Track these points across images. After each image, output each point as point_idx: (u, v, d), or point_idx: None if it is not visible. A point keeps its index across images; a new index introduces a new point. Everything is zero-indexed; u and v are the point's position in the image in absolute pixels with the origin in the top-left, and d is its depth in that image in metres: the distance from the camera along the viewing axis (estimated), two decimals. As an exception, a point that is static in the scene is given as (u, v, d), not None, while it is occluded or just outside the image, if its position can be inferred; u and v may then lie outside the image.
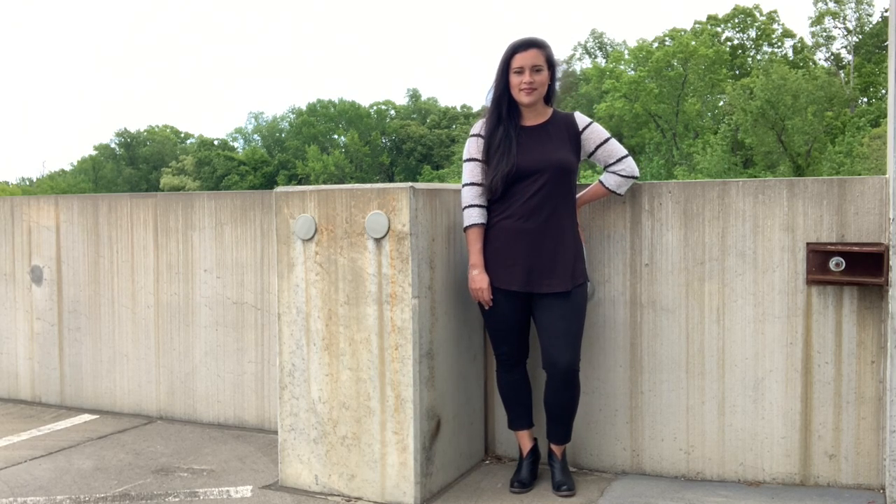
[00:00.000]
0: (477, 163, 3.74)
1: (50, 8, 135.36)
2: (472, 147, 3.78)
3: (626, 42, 67.43)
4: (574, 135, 3.77)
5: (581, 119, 3.81)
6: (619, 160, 3.78)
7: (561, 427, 3.82)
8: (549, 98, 3.81)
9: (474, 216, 3.71)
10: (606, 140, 3.78)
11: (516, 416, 3.94)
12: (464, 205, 3.75)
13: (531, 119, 3.77)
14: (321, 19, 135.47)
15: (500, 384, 3.93)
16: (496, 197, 3.69)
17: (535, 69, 3.68)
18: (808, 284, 3.75)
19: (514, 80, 3.69)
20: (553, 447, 3.86)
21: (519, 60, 3.68)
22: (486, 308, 3.77)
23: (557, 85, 3.86)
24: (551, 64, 3.75)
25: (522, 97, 3.69)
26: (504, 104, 3.73)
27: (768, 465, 3.85)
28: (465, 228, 3.74)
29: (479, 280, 3.71)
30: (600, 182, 3.85)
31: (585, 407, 4.11)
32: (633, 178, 3.81)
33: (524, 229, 3.64)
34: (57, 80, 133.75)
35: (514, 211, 3.66)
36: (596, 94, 55.31)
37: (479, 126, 3.81)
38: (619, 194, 3.85)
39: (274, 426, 4.85)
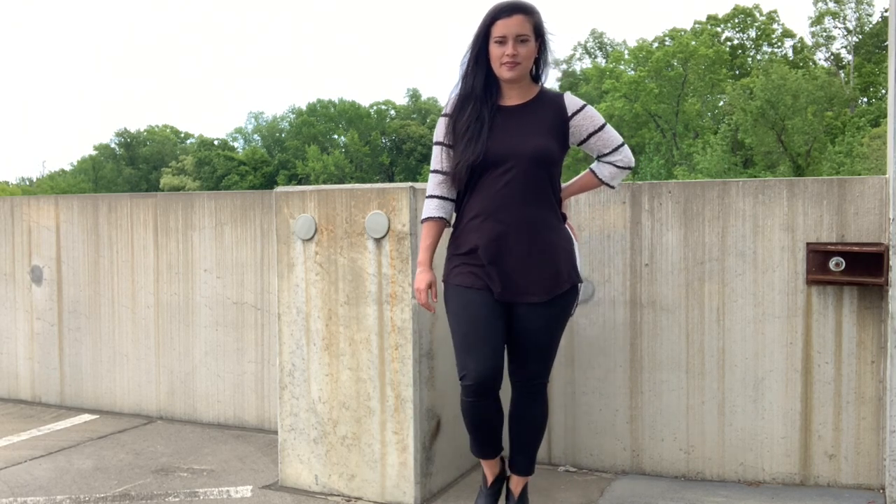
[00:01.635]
0: (443, 147, 3.22)
1: (50, 8, 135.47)
2: (441, 128, 3.24)
3: (626, 42, 67.49)
4: (561, 120, 3.19)
5: (571, 102, 3.22)
6: (616, 150, 3.25)
7: (522, 455, 3.35)
8: (537, 74, 3.25)
9: (430, 209, 3.21)
10: (601, 127, 3.21)
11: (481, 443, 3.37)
12: (426, 194, 3.27)
13: (512, 98, 3.19)
14: (321, 19, 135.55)
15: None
16: (461, 188, 3.18)
17: (520, 39, 3.07)
18: (808, 284, 3.75)
19: (495, 51, 3.10)
20: (511, 483, 3.43)
21: (501, 28, 3.07)
22: (431, 313, 3.34)
23: (551, 58, 3.24)
24: (539, 33, 3.15)
25: (504, 72, 3.10)
26: (479, 78, 3.16)
27: (768, 465, 3.85)
28: (421, 222, 3.26)
29: (418, 279, 3.21)
30: (592, 172, 3.34)
31: (585, 407, 4.11)
32: (629, 169, 3.31)
33: (492, 228, 3.10)
34: (57, 80, 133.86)
35: (481, 207, 3.12)
36: (596, 94, 55.31)
37: (450, 104, 3.26)
38: (611, 186, 3.35)
39: (274, 426, 4.85)
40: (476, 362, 3.09)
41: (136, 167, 77.76)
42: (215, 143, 76.65)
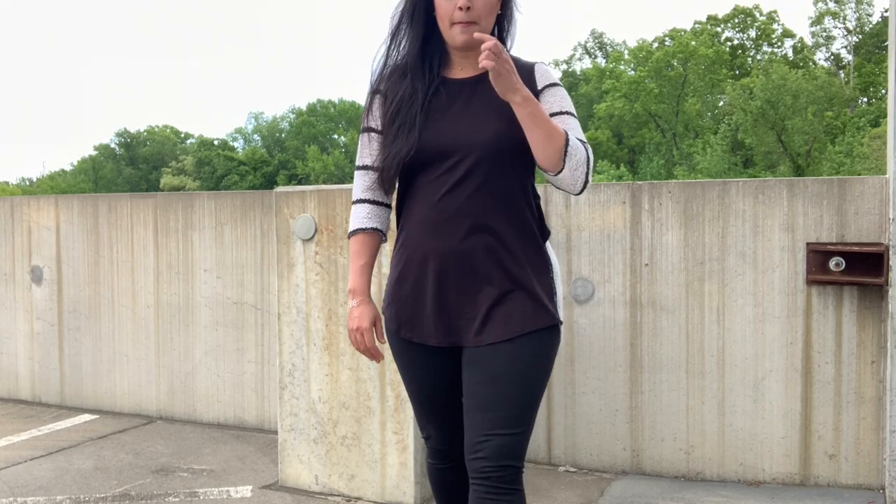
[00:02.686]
0: (373, 134, 2.39)
1: (50, 8, 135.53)
2: (366, 109, 2.43)
3: (626, 42, 67.57)
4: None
5: (544, 73, 2.35)
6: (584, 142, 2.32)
7: None
8: (501, 38, 2.39)
9: (360, 217, 2.41)
10: (570, 113, 2.34)
11: None
12: (353, 198, 2.46)
13: (464, 68, 2.34)
14: (321, 19, 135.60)
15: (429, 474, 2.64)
16: (392, 189, 2.38)
17: None
18: (808, 284, 3.75)
19: (444, 6, 2.25)
20: None
21: None
22: (378, 362, 2.52)
23: (517, 15, 2.40)
24: None
25: (456, 35, 2.25)
26: (415, 40, 2.34)
27: (768, 465, 3.85)
28: (348, 236, 2.45)
29: (354, 317, 2.37)
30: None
31: (585, 407, 4.11)
32: (590, 164, 2.27)
33: (434, 248, 2.25)
34: (57, 80, 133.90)
35: (423, 216, 2.27)
36: (596, 94, 55.38)
37: (377, 76, 2.42)
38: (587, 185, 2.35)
39: (274, 426, 4.85)
40: (437, 430, 2.45)
41: (136, 167, 77.76)
42: (215, 143, 76.65)
